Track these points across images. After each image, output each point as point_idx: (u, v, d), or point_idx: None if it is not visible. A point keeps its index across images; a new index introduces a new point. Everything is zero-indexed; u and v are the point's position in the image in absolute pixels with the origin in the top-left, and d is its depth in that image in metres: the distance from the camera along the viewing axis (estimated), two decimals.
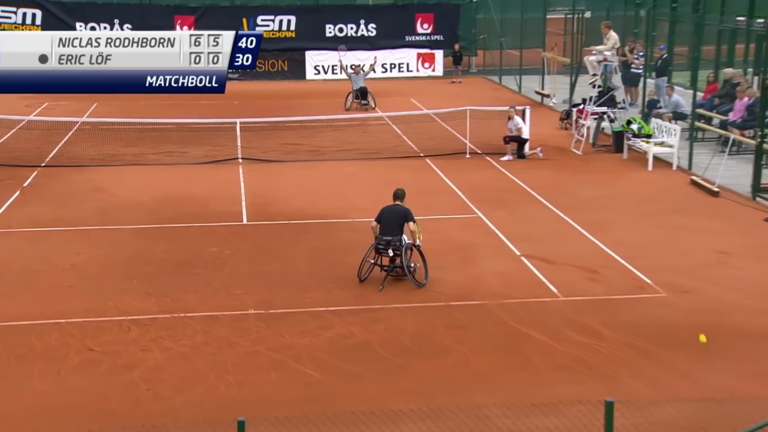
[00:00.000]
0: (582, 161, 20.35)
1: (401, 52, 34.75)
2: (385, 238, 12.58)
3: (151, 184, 18.27)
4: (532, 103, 26.59)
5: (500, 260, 13.62)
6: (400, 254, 12.52)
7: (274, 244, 14.44)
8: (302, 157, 20.71)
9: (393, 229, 12.60)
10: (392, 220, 12.66)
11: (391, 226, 12.62)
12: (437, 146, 21.37)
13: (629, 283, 12.64)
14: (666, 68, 26.00)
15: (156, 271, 13.22)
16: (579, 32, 28.48)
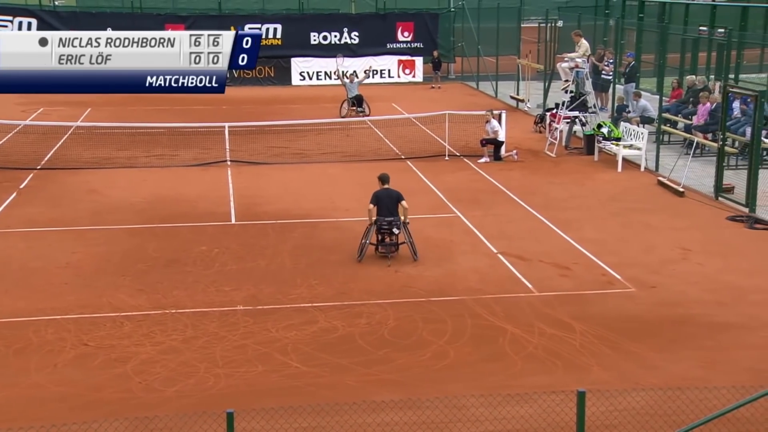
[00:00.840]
0: (555, 163, 20.49)
1: (383, 59, 34.81)
2: (387, 219, 13.61)
3: (143, 186, 18.24)
4: (508, 108, 26.66)
5: (477, 257, 13.71)
6: (400, 231, 13.60)
7: (260, 242, 14.46)
8: (288, 160, 20.73)
9: (391, 210, 13.62)
10: (389, 203, 13.62)
11: (389, 208, 13.61)
12: (417, 149, 21.45)
13: (598, 279, 12.76)
14: (634, 75, 26.19)
15: (148, 268, 13.22)
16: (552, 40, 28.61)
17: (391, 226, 13.62)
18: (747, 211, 16.02)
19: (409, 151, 21.27)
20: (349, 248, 14.11)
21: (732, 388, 8.53)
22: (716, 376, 9.63)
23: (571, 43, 23.58)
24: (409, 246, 13.64)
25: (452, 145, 21.36)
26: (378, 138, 22.77)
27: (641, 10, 31.49)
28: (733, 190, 17.05)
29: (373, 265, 13.32)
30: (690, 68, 26.96)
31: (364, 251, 13.65)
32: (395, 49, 34.95)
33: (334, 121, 24.08)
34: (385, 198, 13.70)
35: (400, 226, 13.63)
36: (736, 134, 19.06)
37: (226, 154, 20.62)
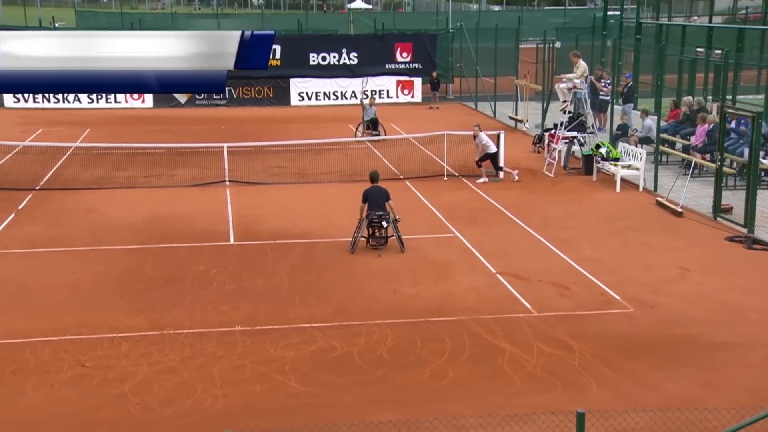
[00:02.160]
0: (553, 182, 20.55)
1: (382, 80, 35.00)
2: (377, 214, 15.02)
3: (142, 206, 18.28)
4: (506, 128, 26.79)
5: (475, 277, 13.73)
6: (389, 225, 15.06)
7: (259, 262, 14.48)
8: (286, 180, 20.79)
9: (381, 205, 15.08)
10: (379, 199, 15.11)
11: (379, 203, 15.06)
12: (416, 169, 21.52)
13: (597, 298, 12.77)
14: (632, 95, 26.35)
15: (145, 288, 13.22)
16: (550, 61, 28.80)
17: (381, 220, 15.04)
18: (745, 232, 16.06)
19: (408, 171, 21.34)
20: (348, 268, 14.13)
21: (732, 409, 8.51)
22: (715, 396, 9.62)
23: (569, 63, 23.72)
24: (397, 239, 15.10)
25: (451, 164, 21.43)
26: (376, 158, 22.85)
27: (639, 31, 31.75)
28: (732, 210, 17.09)
29: (371, 284, 13.33)
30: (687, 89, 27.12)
31: (357, 244, 15.04)
32: (394, 70, 35.16)
33: (333, 141, 24.17)
34: (375, 194, 15.17)
35: (389, 221, 15.05)
36: (734, 155, 19.15)
37: (224, 173, 20.68)
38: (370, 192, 15.30)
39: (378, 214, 15.07)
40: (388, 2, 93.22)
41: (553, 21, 51.44)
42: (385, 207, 15.13)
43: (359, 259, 14.58)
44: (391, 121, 28.84)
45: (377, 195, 15.21)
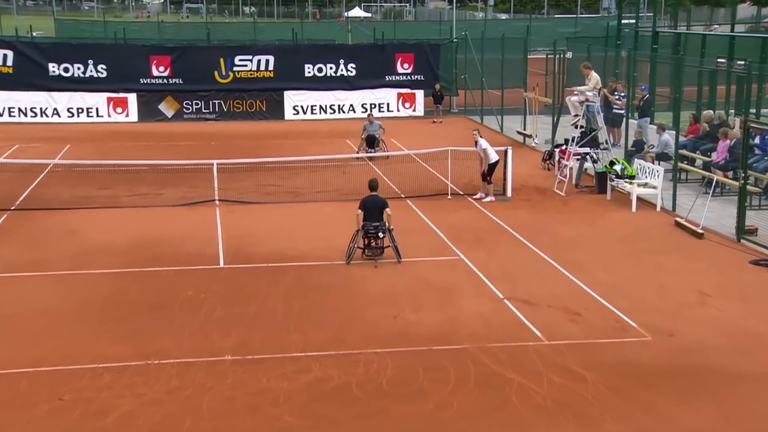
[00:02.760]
0: (564, 201, 20.65)
1: (381, 92, 35.21)
2: (374, 224, 15.69)
3: (126, 227, 18.36)
4: (514, 144, 26.95)
5: (480, 301, 13.79)
6: (385, 235, 15.70)
7: (251, 286, 14.55)
8: (280, 199, 20.90)
9: (377, 215, 15.69)
10: (375, 209, 15.73)
11: (375, 213, 15.69)
12: (418, 187, 21.63)
13: (611, 325, 12.81)
14: (648, 109, 26.48)
15: (130, 315, 13.28)
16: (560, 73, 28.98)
17: (377, 231, 15.70)
18: None
19: (409, 190, 21.45)
20: (346, 292, 14.20)
21: None
22: (736, 430, 9.65)
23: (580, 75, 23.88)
24: (393, 249, 15.74)
25: (455, 182, 21.54)
26: (376, 175, 22.94)
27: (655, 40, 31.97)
28: (757, 232, 17.13)
29: (370, 310, 13.40)
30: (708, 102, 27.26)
31: (352, 254, 15.71)
32: (394, 82, 35.36)
33: (330, 157, 24.29)
34: (372, 204, 15.79)
35: (386, 231, 15.69)
36: (759, 172, 19.21)
37: (214, 192, 20.78)
38: (366, 201, 15.91)
39: (374, 225, 15.72)
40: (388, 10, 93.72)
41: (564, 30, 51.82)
42: (381, 217, 15.76)
43: (358, 283, 14.65)
44: (391, 136, 28.98)
45: (373, 205, 15.83)
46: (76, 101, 33.62)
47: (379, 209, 15.81)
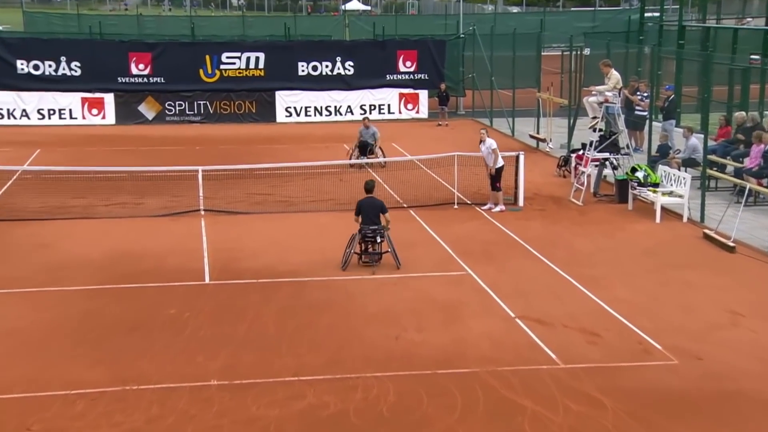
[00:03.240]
0: (581, 212, 20.71)
1: (382, 93, 35.33)
2: (371, 228, 16.20)
3: (103, 239, 18.41)
4: (526, 149, 27.00)
5: (490, 321, 13.83)
6: (383, 240, 16.18)
7: (239, 304, 14.59)
8: (271, 208, 20.95)
9: (374, 218, 16.25)
10: (372, 212, 16.25)
11: (372, 216, 16.24)
12: (421, 195, 21.69)
13: (633, 347, 12.84)
14: (673, 110, 26.55)
15: (107, 336, 13.31)
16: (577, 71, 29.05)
17: (375, 235, 16.18)
18: None
19: (412, 199, 21.51)
20: (343, 310, 14.25)
21: None
22: None
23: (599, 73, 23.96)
24: (392, 254, 16.20)
25: (462, 191, 21.60)
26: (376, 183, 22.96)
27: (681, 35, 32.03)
28: None
29: (370, 330, 13.43)
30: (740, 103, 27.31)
31: (349, 260, 16.19)
32: (396, 81, 35.48)
33: (326, 164, 24.37)
34: (368, 207, 16.32)
35: (384, 235, 16.18)
36: None
37: (199, 202, 20.83)
38: (363, 204, 16.43)
39: (372, 229, 16.22)
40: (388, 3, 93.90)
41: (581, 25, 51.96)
42: (379, 220, 16.31)
43: (356, 300, 14.69)
44: (392, 141, 29.04)
45: (371, 207, 16.36)
46: (47, 102, 33.74)
47: (377, 213, 16.32)
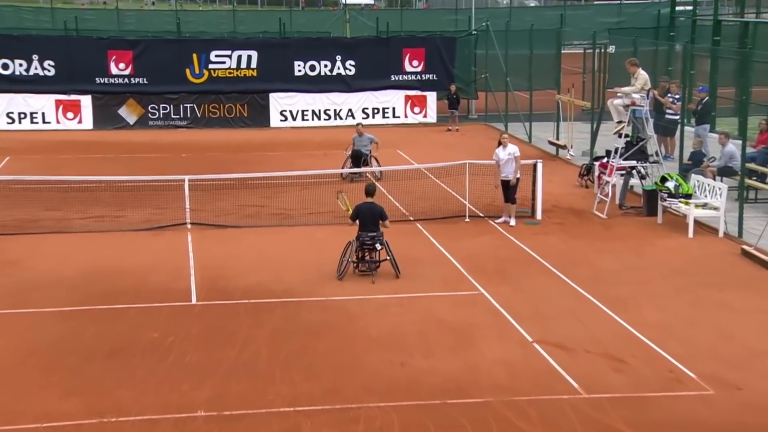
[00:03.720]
0: (605, 226, 20.71)
1: (386, 95, 35.38)
2: (369, 234, 16.68)
3: (78, 256, 18.43)
4: (545, 156, 27.04)
5: (505, 346, 13.81)
6: (383, 247, 16.63)
7: (229, 327, 14.58)
8: (264, 222, 20.97)
9: (373, 225, 16.72)
10: (371, 218, 16.74)
11: (371, 223, 16.71)
12: (429, 208, 21.71)
13: (663, 376, 12.81)
14: (708, 114, 26.52)
15: (83, 362, 13.30)
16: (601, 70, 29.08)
17: (374, 242, 16.68)
18: None
19: (419, 211, 21.53)
20: (342, 333, 14.24)
21: None
22: None
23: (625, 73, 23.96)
24: (391, 262, 16.69)
25: (474, 203, 21.61)
26: (379, 194, 22.97)
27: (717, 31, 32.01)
28: None
29: (372, 355, 13.43)
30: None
31: (345, 269, 16.70)
32: (401, 83, 35.54)
33: (324, 173, 24.39)
34: (367, 212, 16.81)
35: (383, 242, 16.66)
36: None
37: (185, 214, 20.85)
38: (361, 209, 16.93)
39: (371, 235, 16.73)
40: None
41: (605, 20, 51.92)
42: (378, 227, 16.80)
43: (357, 322, 14.68)
44: (397, 147, 29.08)
45: (370, 213, 16.84)
46: (17, 105, 33.83)
47: (376, 219, 16.81)
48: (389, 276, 16.62)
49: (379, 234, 16.77)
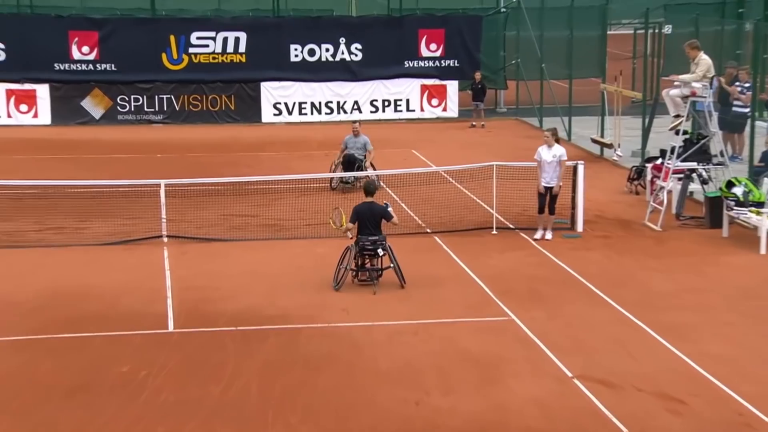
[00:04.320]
0: (658, 239, 20.71)
1: (398, 84, 35.43)
2: (370, 239, 17.16)
3: (34, 275, 18.50)
4: (587, 157, 27.05)
5: (539, 381, 13.81)
6: (386, 253, 17.10)
7: (213, 359, 14.61)
8: (255, 234, 21.03)
9: (375, 227, 17.26)
10: (372, 220, 17.26)
11: (372, 225, 17.24)
12: (449, 218, 21.76)
13: (731, 419, 12.79)
14: None
15: (37, 402, 13.29)
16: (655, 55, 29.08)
17: (376, 248, 17.16)
18: None
19: (438, 222, 21.57)
20: (347, 366, 14.26)
21: None
22: None
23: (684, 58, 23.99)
24: (395, 270, 17.17)
25: (502, 212, 21.63)
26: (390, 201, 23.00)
27: None
28: None
29: (382, 392, 13.45)
30: None
31: (343, 279, 17.21)
32: (417, 70, 35.58)
33: (325, 176, 24.42)
34: (367, 214, 17.36)
35: (386, 247, 17.13)
36: None
37: (161, 225, 20.91)
38: (360, 210, 17.46)
39: (372, 240, 17.23)
40: None
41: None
42: (379, 229, 17.37)
43: (364, 353, 14.69)
44: (412, 147, 29.13)
45: (369, 214, 17.36)
46: None
47: (378, 221, 17.35)
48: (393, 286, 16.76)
49: (381, 238, 17.24)
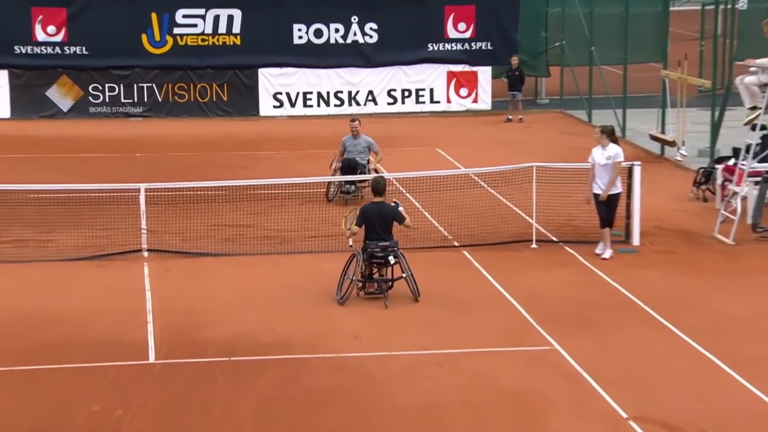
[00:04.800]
0: (730, 255, 20.67)
1: (421, 71, 35.39)
2: (381, 244, 17.49)
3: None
4: (645, 156, 27.00)
5: (587, 423, 13.77)
6: (397, 261, 17.48)
7: (201, 395, 14.60)
8: (251, 248, 21.04)
9: (385, 232, 17.59)
10: (382, 222, 17.61)
11: (382, 229, 17.58)
12: (481, 229, 21.73)
13: None
14: None
15: None
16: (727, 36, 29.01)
17: (386, 254, 17.47)
18: None
19: (467, 234, 21.56)
20: (359, 404, 14.23)
21: None
22: None
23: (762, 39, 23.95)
24: (407, 280, 17.48)
25: (543, 222, 21.59)
26: (412, 209, 22.99)
27: None
28: None
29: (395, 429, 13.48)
30: None
31: (349, 291, 17.54)
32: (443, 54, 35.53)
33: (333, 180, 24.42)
34: (376, 215, 17.71)
35: (398, 254, 17.46)
36: None
37: (141, 238, 20.94)
38: (368, 211, 17.88)
39: (382, 245, 17.53)
40: None
41: None
42: (390, 234, 17.64)
43: (378, 388, 14.67)
44: (437, 145, 29.11)
45: (378, 216, 17.67)
46: None
47: (389, 224, 17.68)
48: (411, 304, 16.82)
49: (393, 243, 17.52)
